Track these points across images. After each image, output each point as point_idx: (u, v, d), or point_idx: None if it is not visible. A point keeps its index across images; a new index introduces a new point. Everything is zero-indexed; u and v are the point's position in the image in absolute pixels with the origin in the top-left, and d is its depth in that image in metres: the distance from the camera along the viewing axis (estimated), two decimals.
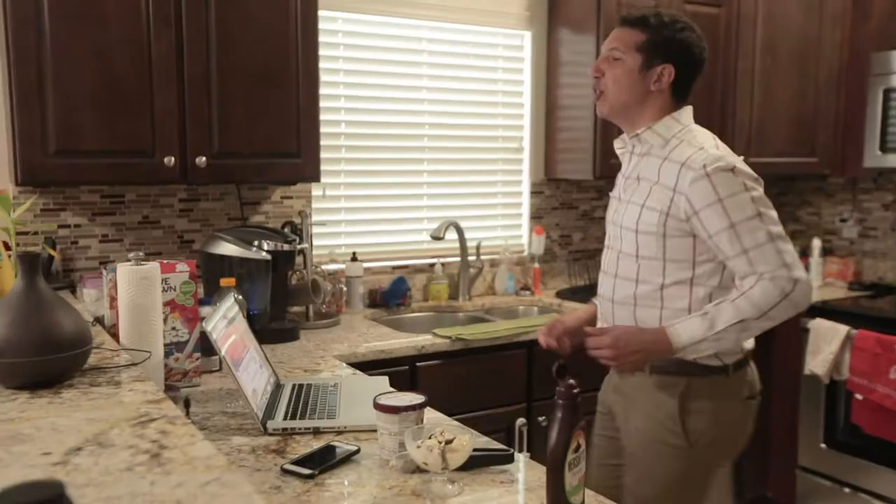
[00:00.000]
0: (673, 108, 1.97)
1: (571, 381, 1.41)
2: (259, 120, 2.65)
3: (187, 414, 1.83)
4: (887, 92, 3.43)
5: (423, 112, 3.40)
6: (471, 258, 3.44)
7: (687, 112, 1.99)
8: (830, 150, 3.74)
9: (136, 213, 2.85)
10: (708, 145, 1.89)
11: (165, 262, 2.06)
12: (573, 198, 3.80)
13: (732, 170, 1.82)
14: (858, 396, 3.17)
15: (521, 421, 2.73)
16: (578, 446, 1.42)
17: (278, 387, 2.06)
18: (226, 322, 1.91)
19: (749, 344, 1.99)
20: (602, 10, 3.32)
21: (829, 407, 3.39)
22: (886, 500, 3.19)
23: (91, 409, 1.38)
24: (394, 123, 3.34)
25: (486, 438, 1.74)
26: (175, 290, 2.09)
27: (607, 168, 3.38)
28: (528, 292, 3.57)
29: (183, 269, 2.10)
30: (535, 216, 3.71)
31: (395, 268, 3.38)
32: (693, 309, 1.89)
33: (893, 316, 3.28)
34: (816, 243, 3.89)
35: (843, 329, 3.21)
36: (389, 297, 3.24)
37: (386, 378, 2.18)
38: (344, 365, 2.39)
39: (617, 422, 2.07)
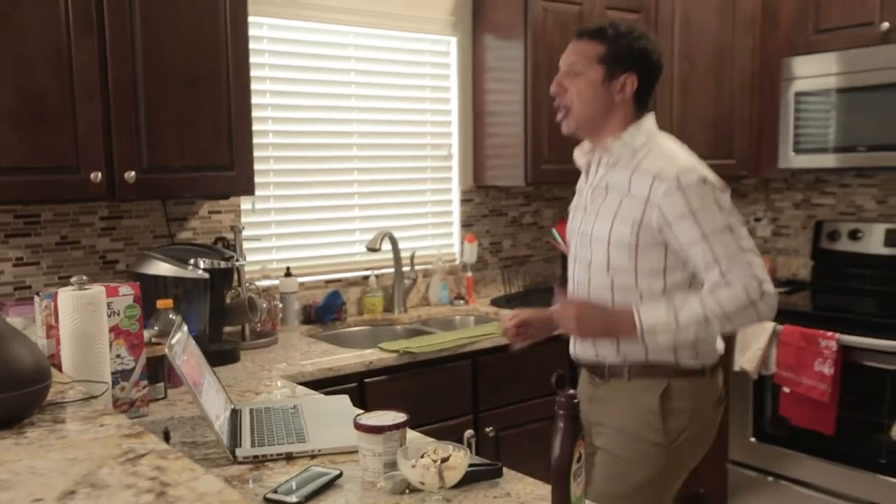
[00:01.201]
0: (636, 117, 2.02)
1: (571, 392, 1.42)
2: (190, 131, 2.56)
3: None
4: (798, 96, 3.62)
5: (351, 120, 3.36)
6: (405, 269, 3.42)
7: (650, 119, 2.04)
8: (747, 153, 3.91)
9: (54, 233, 2.70)
10: (677, 155, 1.95)
11: (108, 285, 1.96)
12: (502, 204, 3.84)
13: (704, 181, 1.88)
14: (786, 389, 3.32)
15: (469, 433, 2.75)
16: (580, 456, 1.43)
17: (234, 412, 1.99)
18: (181, 346, 1.84)
19: (721, 349, 2.07)
20: (529, 17, 3.37)
21: (757, 401, 3.53)
22: (813, 488, 3.35)
23: (65, 447, 1.30)
24: (322, 133, 3.29)
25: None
26: (119, 314, 2.00)
27: (538, 174, 3.44)
28: (462, 301, 3.58)
29: (127, 292, 2.01)
30: (466, 224, 3.72)
31: (328, 282, 3.33)
32: None
33: (814, 311, 3.46)
34: None
35: (769, 325, 3.35)
36: (324, 313, 3.19)
37: (346, 397, 2.14)
38: (294, 385, 2.34)
39: (591, 434, 2.09)
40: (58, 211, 2.70)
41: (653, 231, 1.90)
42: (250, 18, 2.86)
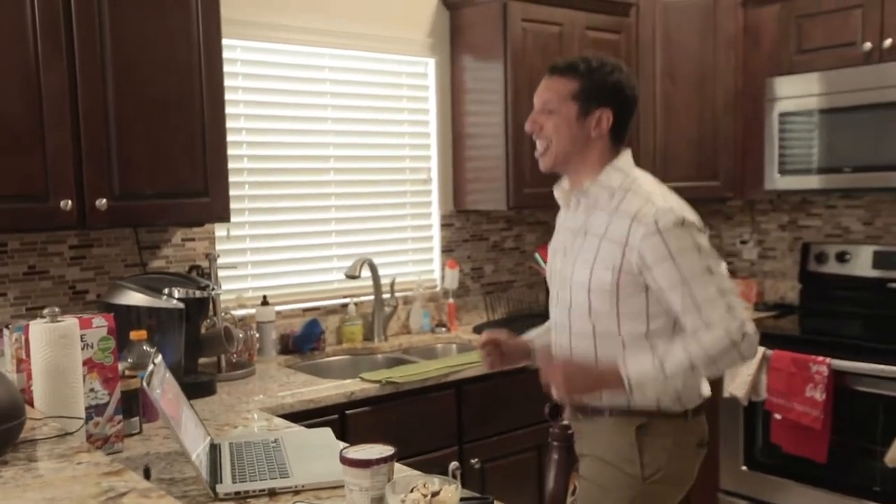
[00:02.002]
0: (613, 152, 2.06)
1: (565, 423, 1.44)
2: (163, 157, 2.57)
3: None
4: (782, 116, 3.69)
5: (328, 144, 3.38)
6: (385, 296, 3.43)
7: (626, 158, 2.07)
8: (731, 174, 3.98)
9: (21, 262, 2.69)
10: (655, 195, 1.98)
11: (81, 317, 1.96)
12: (483, 229, 3.87)
13: (682, 223, 1.91)
14: (777, 416, 3.36)
15: (454, 465, 2.71)
16: (575, 488, 1.44)
17: (213, 447, 1.99)
18: (159, 379, 1.84)
19: (706, 392, 2.11)
20: (508, 37, 3.42)
21: (748, 428, 3.57)
22: None
23: (43, 487, 1.30)
24: (298, 157, 3.31)
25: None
26: (92, 347, 1.99)
27: (521, 198, 3.47)
28: (443, 329, 3.59)
29: (100, 323, 2.00)
30: (447, 249, 3.75)
31: (306, 310, 3.32)
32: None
33: (804, 335, 3.51)
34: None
35: (759, 350, 3.39)
36: (302, 342, 3.19)
37: (329, 429, 2.14)
38: (274, 418, 2.33)
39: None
40: (25, 240, 2.69)
41: (633, 274, 1.94)
42: (224, 41, 2.88)
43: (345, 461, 1.57)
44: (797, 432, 3.31)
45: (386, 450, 1.62)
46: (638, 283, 1.94)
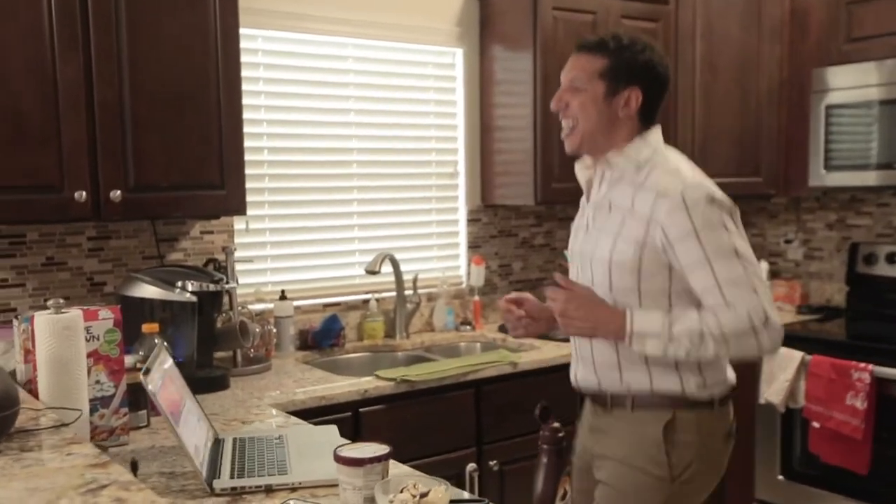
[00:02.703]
0: (642, 132, 2.05)
1: (556, 425, 1.46)
2: (178, 149, 2.64)
3: (135, 477, 1.80)
4: (829, 108, 3.64)
5: (350, 136, 3.44)
6: (407, 292, 3.48)
7: (656, 132, 2.07)
8: (774, 170, 3.94)
9: (40, 254, 2.79)
10: (684, 170, 1.97)
11: (87, 308, 2.04)
12: (512, 225, 3.90)
13: (711, 199, 1.90)
14: (815, 424, 3.33)
15: (471, 466, 2.79)
16: (565, 493, 1.47)
17: (217, 442, 2.05)
18: (161, 373, 1.91)
19: (732, 378, 2.09)
20: (539, 26, 3.44)
21: (785, 436, 3.54)
22: None
23: (29, 477, 1.36)
24: (320, 149, 3.37)
25: (454, 489, 1.77)
26: (98, 339, 2.07)
27: (549, 193, 3.49)
28: (468, 327, 3.63)
29: (106, 315, 2.08)
30: (473, 245, 3.78)
31: (326, 305, 3.39)
32: None
33: (847, 340, 3.47)
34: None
35: (797, 355, 3.37)
36: (322, 338, 3.25)
37: (335, 427, 2.20)
38: (283, 414, 2.39)
39: (594, 464, 2.11)
40: (44, 231, 2.79)
41: (657, 251, 1.93)
42: (244, 31, 2.96)
43: (338, 459, 1.62)
44: (837, 442, 3.28)
45: (381, 449, 1.66)
46: (661, 261, 1.93)
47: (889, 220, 3.90)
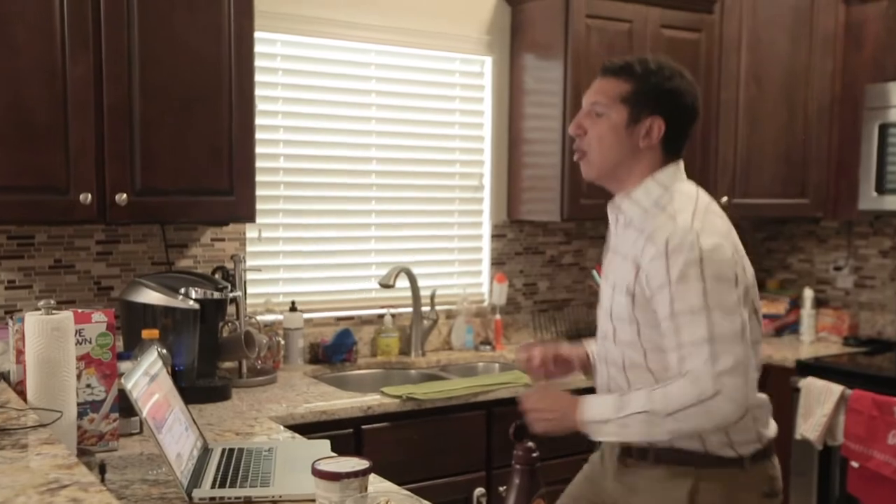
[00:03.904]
0: (664, 166, 2.02)
1: (530, 445, 1.51)
2: (187, 153, 2.75)
3: (102, 480, 1.89)
4: (883, 127, 3.63)
5: (370, 146, 3.53)
6: (424, 308, 3.55)
7: (672, 170, 2.03)
8: (823, 191, 3.93)
9: (48, 256, 2.92)
10: (682, 215, 1.92)
11: (80, 311, 2.13)
12: (539, 242, 3.94)
13: (696, 252, 1.85)
14: (854, 464, 3.30)
15: (479, 491, 2.84)
16: None
17: (206, 451, 2.13)
18: (148, 379, 1.99)
19: (771, 432, 2.05)
20: (570, 34, 3.49)
21: (822, 475, 3.51)
22: None
23: None
24: (339, 158, 3.46)
25: None
26: (90, 342, 2.16)
27: (576, 209, 3.53)
28: (488, 347, 3.68)
29: (100, 319, 2.18)
30: (497, 262, 3.84)
31: (339, 319, 3.47)
32: None
33: (892, 374, 3.44)
34: (808, 294, 4.05)
35: (836, 389, 3.35)
36: (333, 352, 3.33)
37: (327, 442, 2.26)
38: (281, 428, 2.47)
39: None
40: (52, 233, 2.92)
41: (647, 300, 1.91)
42: (262, 34, 3.07)
43: (315, 472, 1.67)
44: (877, 484, 3.25)
45: (360, 463, 1.72)
46: (651, 310, 1.91)
47: None
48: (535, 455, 1.50)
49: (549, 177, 3.60)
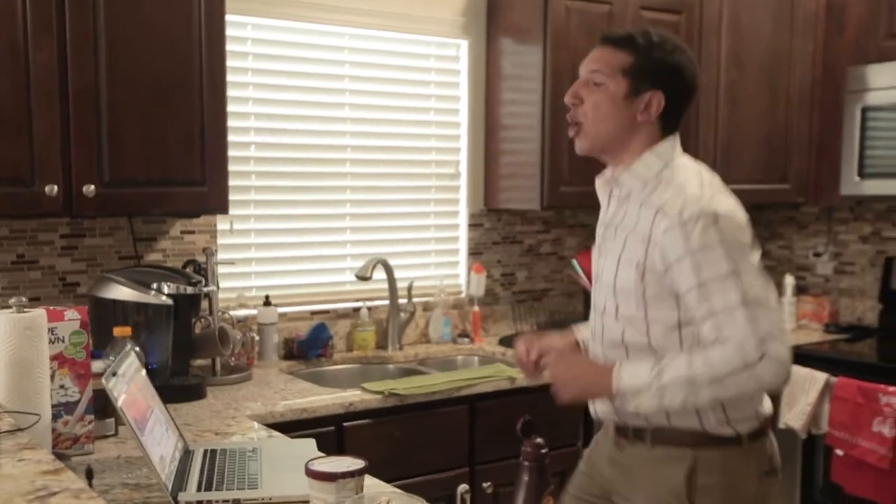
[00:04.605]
0: (661, 140, 2.04)
1: (539, 441, 1.51)
2: (157, 142, 2.71)
3: (90, 486, 1.87)
4: (865, 111, 3.68)
5: (345, 133, 3.51)
6: (401, 301, 3.54)
7: (670, 144, 2.05)
8: (804, 176, 3.99)
9: (10, 251, 2.87)
10: (690, 185, 1.95)
11: (52, 308, 2.10)
12: (517, 231, 3.95)
13: (713, 217, 1.88)
14: (839, 452, 3.37)
15: (463, 487, 2.81)
16: None
17: (187, 453, 2.11)
18: (126, 378, 1.97)
19: (767, 409, 2.07)
20: (549, 17, 3.49)
21: (806, 464, 3.58)
22: None
23: None
24: (312, 146, 3.44)
25: None
26: (63, 341, 2.13)
27: (556, 197, 3.55)
28: (466, 339, 3.69)
29: (73, 316, 2.14)
30: (474, 252, 3.84)
31: (314, 313, 3.46)
32: None
33: (877, 362, 3.50)
34: (789, 280, 4.11)
35: (821, 377, 3.41)
36: (308, 347, 3.31)
37: (312, 441, 2.25)
38: (261, 427, 2.46)
39: (614, 498, 2.13)
40: (15, 227, 2.87)
41: (659, 275, 1.93)
42: (232, 17, 3.03)
43: (310, 473, 1.67)
44: (862, 471, 3.31)
45: (355, 463, 1.71)
46: (665, 285, 1.93)
47: None
48: (543, 451, 1.50)
49: (529, 164, 3.61)
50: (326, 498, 1.65)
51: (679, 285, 1.91)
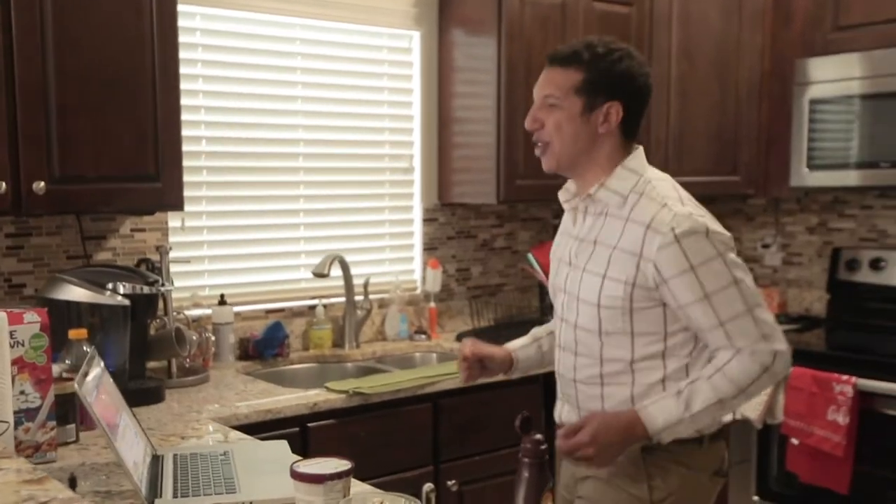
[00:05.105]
0: (623, 150, 2.09)
1: (538, 437, 1.52)
2: (109, 136, 2.66)
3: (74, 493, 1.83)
4: (813, 103, 3.77)
5: (297, 126, 3.49)
6: (358, 298, 3.53)
7: (639, 157, 2.11)
8: (753, 168, 4.07)
9: None
10: (671, 199, 2.02)
11: (10, 311, 2.05)
12: (471, 225, 3.97)
13: (704, 232, 1.96)
14: (794, 441, 3.46)
15: (428, 486, 2.84)
16: None
17: (156, 458, 2.08)
18: (95, 382, 1.93)
19: (727, 417, 2.15)
20: (504, 10, 3.51)
21: (761, 454, 3.67)
22: None
23: None
24: (264, 140, 3.41)
25: None
26: (24, 345, 2.07)
27: (512, 191, 3.57)
28: (423, 336, 3.70)
29: (32, 319, 2.09)
30: (429, 247, 3.85)
31: (269, 311, 3.43)
32: (667, 382, 2.03)
33: (828, 351, 3.60)
34: None
35: None
36: (264, 347, 3.29)
37: (285, 442, 2.24)
38: (225, 429, 2.43)
39: (577, 485, 2.19)
40: None
41: (648, 289, 1.99)
42: (181, 7, 2.97)
43: (296, 476, 1.66)
44: (816, 460, 3.40)
45: (342, 464, 1.70)
46: (653, 298, 2.00)
47: (873, 224, 4.05)
48: (543, 448, 1.52)
49: (483, 157, 3.62)
50: (314, 500, 1.64)
51: (678, 299, 1.98)
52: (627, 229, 2.02)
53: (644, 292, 2.00)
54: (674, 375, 2.03)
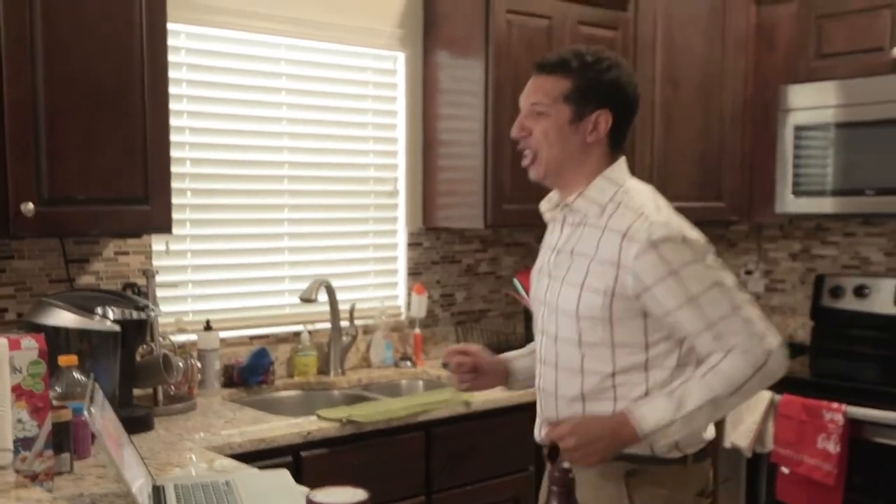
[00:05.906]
0: (610, 159, 2.14)
1: (566, 465, 1.55)
2: (98, 157, 2.66)
3: None
4: (798, 129, 3.86)
5: (282, 148, 3.51)
6: (343, 324, 3.54)
7: (620, 166, 2.16)
8: (738, 194, 4.16)
9: None
10: (648, 209, 2.06)
11: (10, 337, 2.04)
12: (455, 250, 4.01)
13: (681, 238, 2.01)
14: (784, 470, 3.52)
15: None
16: None
17: (156, 489, 2.08)
18: (100, 409, 1.94)
19: (710, 434, 2.19)
20: (491, 30, 3.56)
21: (751, 483, 3.72)
22: None
23: None
24: (248, 162, 3.43)
25: None
26: (21, 371, 2.07)
27: (500, 215, 3.61)
28: (408, 363, 3.72)
29: (30, 345, 2.09)
30: (414, 272, 3.88)
31: (253, 338, 3.43)
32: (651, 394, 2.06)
33: (817, 379, 3.67)
34: None
35: (766, 395, 3.55)
36: (249, 374, 3.29)
37: (285, 471, 2.26)
38: (221, 458, 2.43)
39: None
40: None
41: (628, 299, 2.02)
42: (167, 26, 2.99)
43: None
44: (807, 488, 3.46)
45: (358, 493, 1.72)
46: (633, 308, 2.03)
47: (856, 251, 4.15)
48: (571, 476, 1.54)
49: (470, 181, 3.66)
50: None
51: (664, 305, 2.00)
52: (604, 239, 2.06)
53: (624, 302, 2.03)
54: (657, 389, 2.05)
